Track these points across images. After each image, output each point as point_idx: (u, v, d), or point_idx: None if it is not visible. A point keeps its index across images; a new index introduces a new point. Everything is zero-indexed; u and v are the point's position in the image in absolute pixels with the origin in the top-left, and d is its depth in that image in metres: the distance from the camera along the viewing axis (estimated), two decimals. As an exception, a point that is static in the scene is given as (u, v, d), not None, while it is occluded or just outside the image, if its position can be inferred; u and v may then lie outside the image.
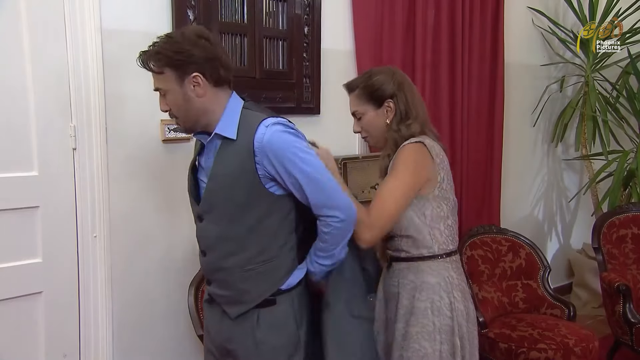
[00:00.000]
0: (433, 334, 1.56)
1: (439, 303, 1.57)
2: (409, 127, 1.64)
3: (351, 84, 1.75)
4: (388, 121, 1.68)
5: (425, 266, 1.60)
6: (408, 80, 1.72)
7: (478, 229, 3.06)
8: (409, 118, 1.66)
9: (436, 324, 1.57)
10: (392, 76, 1.68)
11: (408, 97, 1.67)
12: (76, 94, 1.99)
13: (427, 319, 1.57)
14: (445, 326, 1.57)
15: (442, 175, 1.61)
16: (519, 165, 3.71)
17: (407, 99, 1.67)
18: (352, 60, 2.75)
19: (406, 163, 1.58)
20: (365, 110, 1.71)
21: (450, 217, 1.64)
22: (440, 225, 1.61)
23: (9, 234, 1.91)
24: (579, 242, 4.16)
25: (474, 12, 3.15)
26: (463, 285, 1.63)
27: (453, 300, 1.58)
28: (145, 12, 2.11)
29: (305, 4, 2.54)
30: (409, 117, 1.66)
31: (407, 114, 1.66)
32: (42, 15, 1.91)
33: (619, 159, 3.39)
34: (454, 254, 1.65)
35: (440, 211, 1.61)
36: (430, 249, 1.60)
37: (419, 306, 1.58)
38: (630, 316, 2.67)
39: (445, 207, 1.62)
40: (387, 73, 1.70)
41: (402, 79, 1.70)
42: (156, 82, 1.45)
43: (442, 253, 1.61)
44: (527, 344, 2.46)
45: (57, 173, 1.99)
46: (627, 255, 3.06)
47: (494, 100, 3.32)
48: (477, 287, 2.86)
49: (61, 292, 2.04)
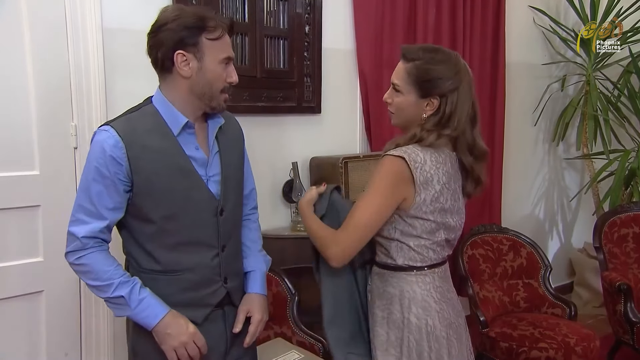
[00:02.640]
0: (386, 345, 1.50)
1: (394, 315, 1.50)
2: (440, 135, 1.45)
3: (409, 54, 1.49)
4: (425, 116, 1.47)
5: (388, 276, 1.52)
6: (469, 81, 1.49)
7: (479, 228, 3.05)
8: (448, 127, 1.46)
9: (390, 335, 1.50)
10: (456, 73, 1.46)
11: (459, 103, 1.45)
12: (77, 93, 1.99)
13: (383, 328, 1.52)
14: (397, 340, 1.49)
15: (423, 197, 1.44)
16: (520, 164, 3.71)
17: (457, 104, 1.45)
18: (353, 60, 2.76)
19: (381, 182, 1.44)
20: (407, 92, 1.48)
21: (426, 237, 1.49)
22: (409, 242, 1.48)
23: (11, 233, 1.92)
24: (580, 241, 4.16)
25: (475, 11, 3.15)
26: (430, 303, 1.49)
27: (408, 316, 1.48)
28: (146, 11, 2.09)
29: (306, 3, 2.54)
30: (448, 125, 1.46)
31: (449, 121, 1.46)
32: (43, 14, 1.92)
33: (620, 158, 3.38)
34: (423, 270, 1.50)
35: (412, 230, 1.47)
36: (395, 261, 1.50)
37: (377, 313, 1.54)
38: (632, 315, 2.67)
39: (419, 226, 1.47)
40: (451, 66, 1.46)
41: (464, 79, 1.47)
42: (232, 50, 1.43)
43: (406, 266, 1.49)
44: (528, 343, 2.46)
45: (58, 172, 1.99)
46: (629, 254, 3.05)
47: (495, 99, 3.32)
48: (478, 286, 2.86)
49: (62, 291, 2.04)
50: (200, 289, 1.43)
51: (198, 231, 1.41)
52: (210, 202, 1.42)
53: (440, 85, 1.44)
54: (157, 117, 1.38)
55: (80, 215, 1.36)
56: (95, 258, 1.36)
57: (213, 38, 1.35)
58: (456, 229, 1.56)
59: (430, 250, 1.50)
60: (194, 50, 1.34)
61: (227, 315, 1.49)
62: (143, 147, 1.34)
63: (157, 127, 1.37)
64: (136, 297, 1.34)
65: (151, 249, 1.39)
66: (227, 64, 1.40)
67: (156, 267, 1.40)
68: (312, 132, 2.68)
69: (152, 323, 1.35)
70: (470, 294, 2.76)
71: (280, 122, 2.57)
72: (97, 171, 1.33)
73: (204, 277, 1.43)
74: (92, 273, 1.35)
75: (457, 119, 1.45)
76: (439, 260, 1.54)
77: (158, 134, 1.37)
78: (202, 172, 1.41)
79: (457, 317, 1.56)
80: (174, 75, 1.37)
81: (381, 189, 1.44)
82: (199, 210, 1.40)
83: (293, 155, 2.54)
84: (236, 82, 1.42)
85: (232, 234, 1.49)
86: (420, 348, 1.48)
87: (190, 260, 1.41)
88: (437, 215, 1.48)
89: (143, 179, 1.34)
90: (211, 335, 1.44)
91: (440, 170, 1.46)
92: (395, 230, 1.48)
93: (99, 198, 1.34)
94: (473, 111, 1.49)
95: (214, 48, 1.35)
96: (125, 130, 1.34)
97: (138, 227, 1.39)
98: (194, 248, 1.41)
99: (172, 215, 1.37)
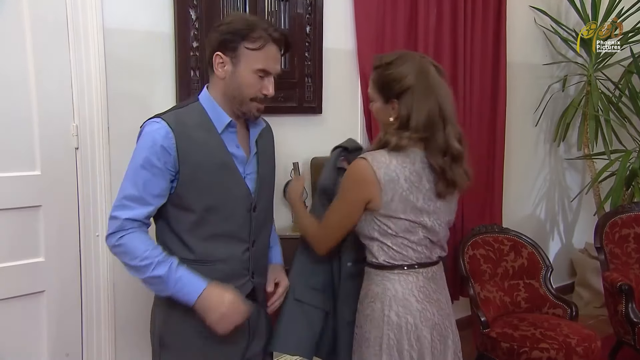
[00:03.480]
0: (368, 342, 1.55)
1: (375, 313, 1.54)
2: (401, 138, 1.47)
3: (374, 62, 1.58)
4: (392, 119, 1.52)
5: (373, 274, 1.58)
6: (432, 82, 1.50)
7: (480, 228, 3.05)
8: (408, 129, 1.48)
9: (372, 333, 1.55)
10: (411, 74, 1.48)
11: (415, 104, 1.47)
12: (78, 94, 1.99)
13: (366, 326, 1.57)
14: (378, 338, 1.53)
15: (390, 196, 1.48)
16: (521, 164, 3.70)
17: (413, 105, 1.47)
18: (354, 60, 2.75)
19: (347, 183, 1.54)
20: (376, 99, 1.57)
21: (403, 236, 1.52)
22: (387, 241, 1.53)
23: (12, 233, 1.92)
24: (581, 241, 4.16)
25: (476, 11, 3.15)
26: (411, 301, 1.52)
27: (389, 314, 1.51)
28: (148, 12, 2.11)
29: (307, 4, 2.54)
30: (408, 126, 1.48)
31: (408, 123, 1.48)
32: (44, 14, 1.92)
33: (622, 159, 3.38)
34: (404, 269, 1.54)
35: (387, 229, 1.52)
36: (376, 259, 1.56)
37: (362, 311, 1.60)
38: (633, 316, 2.67)
39: (393, 226, 1.51)
40: (407, 68, 1.49)
41: (420, 80, 1.49)
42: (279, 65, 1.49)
43: (387, 265, 1.54)
44: (529, 344, 2.46)
45: (59, 172, 1.99)
46: (630, 254, 3.05)
47: (496, 99, 3.32)
48: (479, 287, 2.86)
49: (63, 291, 2.04)
50: (230, 280, 1.48)
51: (233, 224, 1.48)
52: (246, 198, 1.50)
53: (395, 87, 1.49)
54: (203, 114, 1.46)
55: (126, 201, 1.42)
56: (135, 238, 1.41)
57: (252, 48, 1.41)
58: (436, 231, 1.56)
59: (409, 249, 1.53)
60: (232, 55, 1.42)
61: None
62: (190, 140, 1.41)
63: (203, 122, 1.45)
64: (173, 276, 1.39)
65: (187, 239, 1.46)
66: (262, 76, 1.44)
67: (190, 257, 1.46)
68: (313, 132, 2.68)
69: (192, 300, 1.40)
70: (471, 294, 2.75)
71: (281, 122, 2.56)
72: (147, 160, 1.39)
73: (234, 270, 1.51)
74: (131, 253, 1.40)
75: (415, 120, 1.47)
76: (423, 260, 1.56)
77: (204, 129, 1.44)
78: (241, 169, 1.49)
79: (443, 320, 1.57)
80: (215, 75, 1.46)
81: (346, 192, 1.54)
82: (235, 204, 1.48)
83: (294, 155, 2.54)
84: (270, 95, 1.48)
85: (262, 231, 1.57)
86: (400, 346, 1.51)
87: (223, 251, 1.48)
88: (410, 214, 1.51)
89: (189, 169, 1.42)
90: (234, 331, 1.48)
91: (408, 169, 1.49)
92: (374, 231, 1.54)
93: (146, 185, 1.40)
94: (441, 112, 1.49)
95: (251, 57, 1.41)
96: (175, 122, 1.42)
97: (178, 215, 1.46)
98: (227, 240, 1.48)
99: (212, 207, 1.44)
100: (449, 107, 1.52)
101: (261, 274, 1.60)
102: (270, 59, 1.44)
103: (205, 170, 1.43)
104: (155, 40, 2.14)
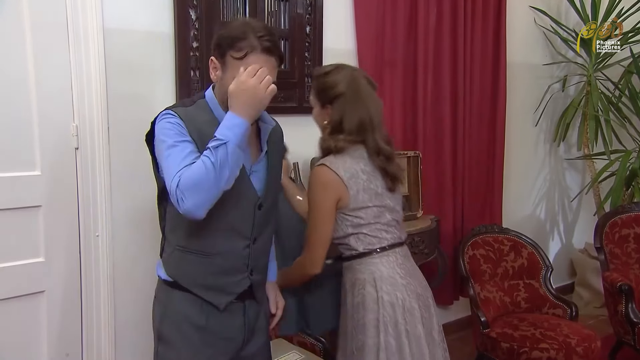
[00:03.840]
0: (367, 327, 1.65)
1: (368, 297, 1.66)
2: (337, 140, 1.67)
3: (314, 72, 1.84)
4: (326, 122, 1.71)
5: (356, 264, 1.70)
6: (362, 90, 1.69)
7: (480, 228, 3.05)
8: (342, 132, 1.67)
9: (368, 317, 1.65)
10: (347, 83, 1.68)
11: (347, 109, 1.66)
12: (78, 94, 1.99)
13: (359, 313, 1.67)
14: (374, 320, 1.64)
15: (355, 189, 1.65)
16: (521, 164, 3.70)
17: (345, 111, 1.66)
18: (354, 60, 2.75)
19: (316, 190, 1.67)
20: (315, 104, 1.75)
21: (375, 221, 1.69)
22: (363, 230, 1.68)
23: (12, 233, 1.92)
24: (581, 241, 4.16)
25: (476, 11, 3.15)
26: (396, 279, 1.68)
27: (381, 294, 1.65)
28: (148, 12, 2.11)
29: (307, 4, 2.54)
30: (341, 130, 1.67)
31: (341, 126, 1.67)
32: (44, 14, 1.92)
33: (622, 159, 3.38)
34: (383, 251, 1.70)
35: (360, 220, 1.67)
36: (356, 250, 1.69)
37: (354, 302, 1.69)
38: (633, 316, 2.67)
39: (364, 215, 1.67)
40: (339, 77, 1.69)
41: (351, 88, 1.67)
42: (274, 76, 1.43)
43: (367, 251, 1.68)
44: (529, 344, 2.46)
45: (59, 172, 1.99)
46: (630, 254, 3.06)
47: (496, 99, 3.32)
48: (479, 287, 2.86)
49: (63, 291, 2.04)
50: (227, 275, 1.50)
51: (237, 220, 1.49)
52: (251, 194, 1.51)
53: (329, 93, 1.68)
54: (208, 111, 1.48)
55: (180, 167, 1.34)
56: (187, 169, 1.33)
57: (236, 57, 1.40)
58: (398, 211, 1.77)
59: (382, 232, 1.70)
60: (222, 62, 1.43)
61: (247, 308, 1.56)
62: (200, 132, 1.41)
63: (210, 119, 1.46)
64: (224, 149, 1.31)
65: (190, 229, 1.46)
66: None
67: (192, 247, 1.48)
68: (312, 132, 2.66)
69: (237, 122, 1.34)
70: (471, 294, 2.76)
71: (282, 122, 2.53)
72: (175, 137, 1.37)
73: (233, 265, 1.51)
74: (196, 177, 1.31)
75: (348, 124, 1.66)
76: (396, 240, 1.74)
77: (211, 125, 1.42)
78: (247, 167, 1.49)
79: (424, 290, 1.75)
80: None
81: (316, 201, 1.67)
82: (241, 200, 1.48)
83: (294, 155, 2.52)
84: None
85: (265, 230, 1.57)
86: (395, 322, 1.64)
87: (224, 245, 1.49)
88: (375, 200, 1.68)
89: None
90: (230, 327, 1.52)
91: (362, 163, 1.68)
92: (347, 227, 1.68)
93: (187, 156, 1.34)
94: (370, 120, 1.67)
95: (235, 66, 1.40)
96: (185, 115, 1.43)
97: None
98: (229, 235, 1.49)
99: (219, 201, 1.40)
100: (377, 116, 1.70)
101: (260, 271, 1.60)
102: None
103: None
104: (155, 41, 2.14)
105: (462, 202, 3.17)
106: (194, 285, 1.48)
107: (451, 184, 3.07)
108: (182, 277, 1.51)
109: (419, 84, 2.89)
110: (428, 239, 2.49)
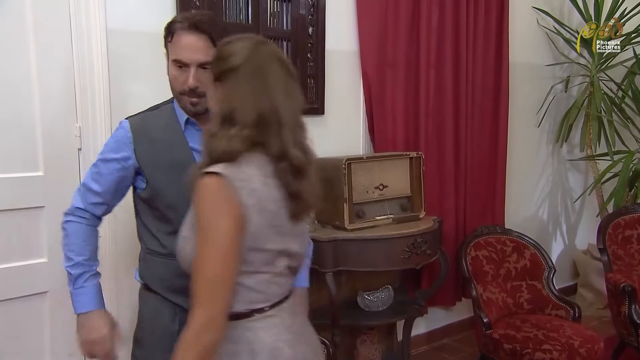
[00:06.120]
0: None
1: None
2: (230, 139, 1.11)
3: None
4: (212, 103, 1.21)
5: (228, 329, 1.13)
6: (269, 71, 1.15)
7: (482, 229, 3.05)
8: (234, 124, 1.12)
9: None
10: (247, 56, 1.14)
11: (240, 92, 1.13)
12: (81, 94, 2.00)
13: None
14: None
15: (255, 221, 1.11)
16: (523, 165, 3.70)
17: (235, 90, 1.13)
18: (357, 61, 2.75)
19: (210, 216, 1.09)
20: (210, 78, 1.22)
21: (266, 270, 1.16)
22: (246, 281, 1.14)
23: (15, 233, 1.92)
24: (584, 242, 4.15)
25: (479, 12, 3.15)
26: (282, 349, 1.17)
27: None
28: (150, 12, 2.12)
29: (309, 5, 2.54)
30: (233, 122, 1.12)
31: (231, 115, 1.12)
32: (47, 15, 1.92)
33: (625, 160, 3.37)
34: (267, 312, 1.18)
35: (247, 267, 1.13)
36: (231, 309, 1.13)
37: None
38: (636, 317, 2.66)
39: (254, 260, 1.14)
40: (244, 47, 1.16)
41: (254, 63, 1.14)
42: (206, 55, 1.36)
43: (247, 311, 1.16)
44: (532, 345, 2.45)
45: (62, 173, 2.00)
46: (633, 255, 3.05)
47: (499, 100, 3.31)
48: (481, 288, 2.86)
49: (66, 292, 2.01)
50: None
51: None
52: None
53: (220, 65, 1.16)
54: (171, 114, 1.49)
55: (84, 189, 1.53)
56: (79, 230, 1.51)
57: (169, 41, 1.43)
58: (297, 254, 1.24)
59: (272, 285, 1.18)
60: (166, 55, 1.45)
61: None
62: (150, 141, 1.45)
63: (169, 122, 1.48)
64: (80, 282, 1.49)
65: (156, 233, 1.51)
66: (182, 67, 1.41)
67: (160, 250, 1.50)
68: (315, 133, 2.62)
69: (77, 310, 1.49)
70: (474, 295, 2.75)
71: (284, 123, 2.57)
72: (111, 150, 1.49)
73: None
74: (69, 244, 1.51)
75: (242, 113, 1.11)
76: (285, 293, 1.23)
77: (169, 129, 1.47)
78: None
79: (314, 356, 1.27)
80: None
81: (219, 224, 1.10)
82: None
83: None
84: (190, 86, 1.39)
85: None
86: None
87: None
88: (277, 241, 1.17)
89: (148, 170, 1.46)
90: None
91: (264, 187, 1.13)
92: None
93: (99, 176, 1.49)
94: (277, 113, 1.14)
95: (170, 50, 1.43)
96: (139, 123, 1.48)
97: (147, 211, 1.52)
98: None
99: (172, 205, 1.46)
100: (289, 110, 1.16)
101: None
102: (182, 49, 1.39)
103: (163, 170, 1.46)
104: (158, 41, 2.13)
105: (465, 203, 3.17)
106: (162, 288, 1.51)
107: (453, 184, 3.07)
108: (150, 280, 1.55)
109: (422, 84, 2.89)
110: (430, 240, 2.49)
